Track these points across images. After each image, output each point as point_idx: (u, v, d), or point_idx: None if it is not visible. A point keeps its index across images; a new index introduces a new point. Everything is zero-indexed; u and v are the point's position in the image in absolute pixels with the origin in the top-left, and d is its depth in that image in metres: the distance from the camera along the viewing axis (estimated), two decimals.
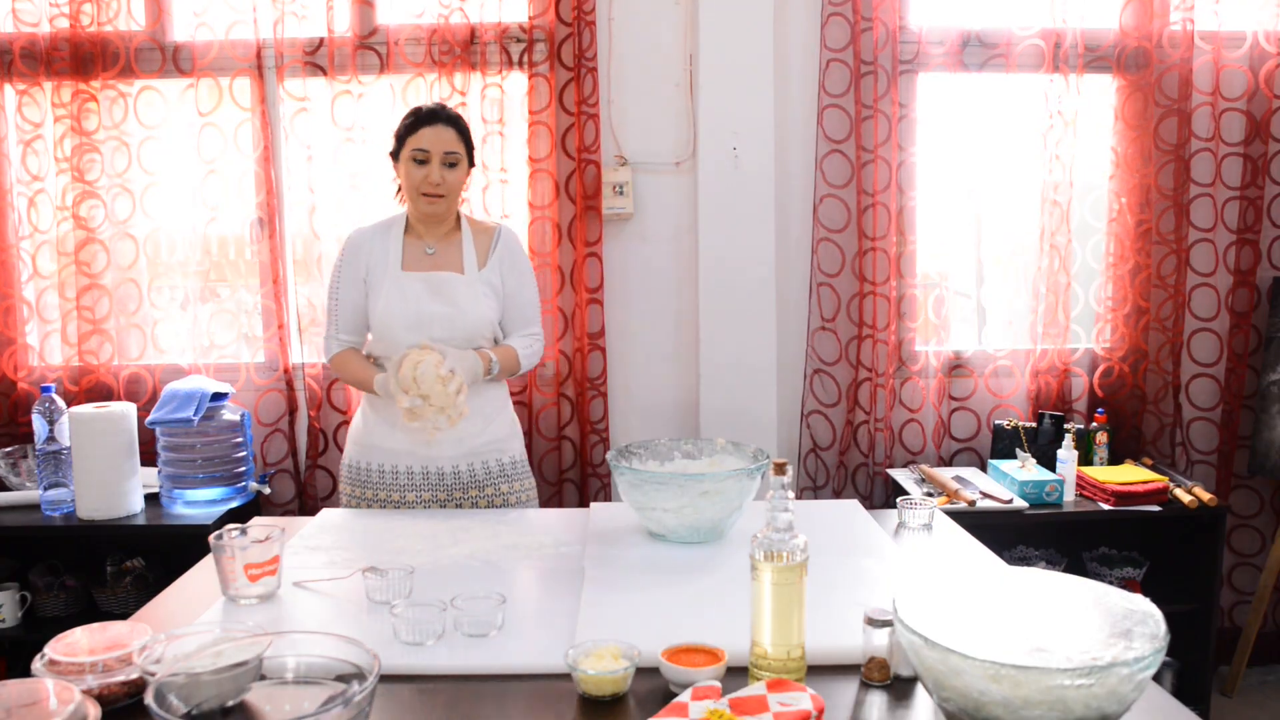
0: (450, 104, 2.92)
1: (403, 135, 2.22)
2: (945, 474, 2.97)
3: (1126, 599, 1.22)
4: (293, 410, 3.08)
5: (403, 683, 1.33)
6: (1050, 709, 1.04)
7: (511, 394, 3.04)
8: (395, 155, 2.26)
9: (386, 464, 2.26)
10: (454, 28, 2.91)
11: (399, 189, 2.32)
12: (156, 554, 2.87)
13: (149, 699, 1.06)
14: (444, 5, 2.91)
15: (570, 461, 3.08)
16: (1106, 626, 1.20)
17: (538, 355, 2.37)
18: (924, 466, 3.04)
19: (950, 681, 1.09)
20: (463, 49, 2.92)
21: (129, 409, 2.64)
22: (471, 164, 2.29)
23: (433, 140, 2.18)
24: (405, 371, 2.04)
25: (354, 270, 2.28)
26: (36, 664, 1.29)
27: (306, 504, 3.09)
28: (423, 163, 2.18)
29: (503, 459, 2.31)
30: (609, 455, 1.93)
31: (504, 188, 2.98)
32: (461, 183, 2.26)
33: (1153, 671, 1.07)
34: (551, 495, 3.10)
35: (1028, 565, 2.89)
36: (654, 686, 1.30)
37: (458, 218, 2.33)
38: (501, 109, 2.95)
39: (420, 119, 2.20)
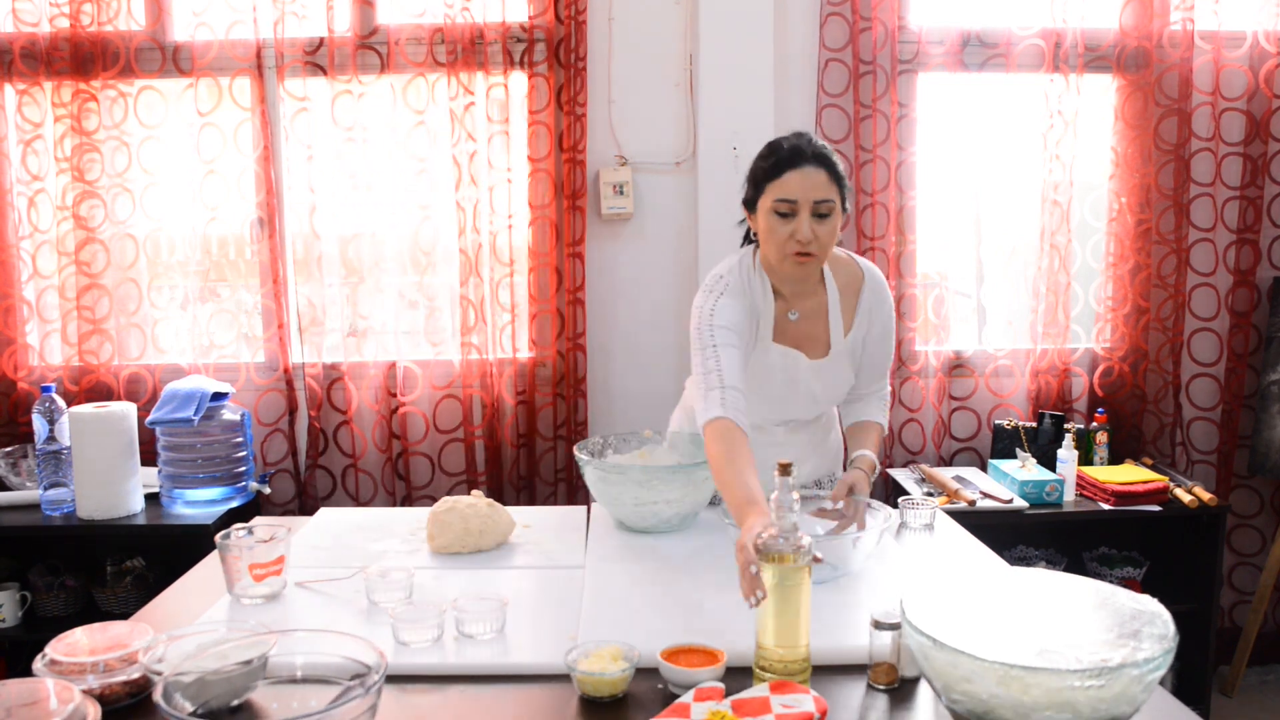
0: (458, 103, 2.92)
1: (761, 180, 1.80)
2: (945, 474, 2.97)
3: (1134, 599, 1.21)
4: (293, 410, 3.08)
5: (403, 683, 1.33)
6: (1059, 710, 1.03)
7: (515, 394, 3.05)
8: (750, 204, 1.85)
9: None
10: (454, 27, 2.91)
11: (749, 237, 1.97)
12: (156, 554, 2.87)
13: (158, 697, 1.06)
14: (444, 5, 2.90)
15: (565, 462, 3.08)
16: (1115, 627, 1.20)
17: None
18: (924, 466, 3.04)
19: (960, 686, 1.08)
20: (463, 49, 2.92)
21: (129, 409, 2.64)
22: (845, 210, 1.82)
23: (801, 187, 1.74)
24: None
25: (740, 319, 1.83)
26: (37, 664, 1.29)
27: (306, 504, 3.08)
28: (788, 216, 1.76)
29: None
30: (575, 447, 1.95)
31: (510, 187, 2.97)
32: (835, 235, 1.80)
33: (1162, 673, 1.07)
34: (549, 495, 3.10)
35: (1028, 565, 2.89)
36: (654, 687, 1.30)
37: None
38: (505, 109, 2.95)
39: (782, 160, 1.77)
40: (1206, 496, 2.82)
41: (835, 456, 2.18)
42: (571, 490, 3.09)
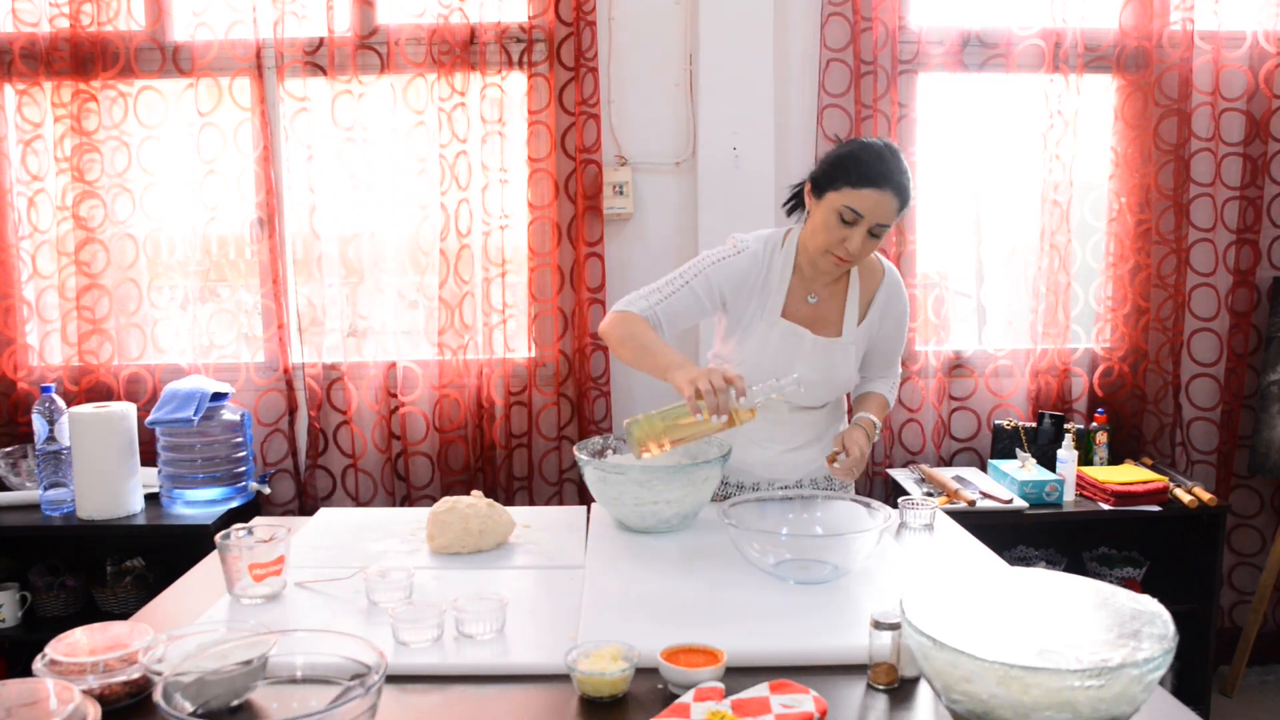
0: (449, 104, 2.92)
1: (839, 179, 1.85)
2: (945, 474, 2.97)
3: (1134, 599, 1.21)
4: (292, 410, 3.08)
5: (403, 683, 1.33)
6: (1059, 710, 1.04)
7: (511, 394, 3.05)
8: (818, 185, 1.90)
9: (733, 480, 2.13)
10: (454, 27, 2.91)
11: (793, 198, 2.05)
12: (156, 554, 2.87)
13: (158, 697, 1.06)
14: (444, 5, 2.90)
15: (571, 461, 3.08)
16: (1115, 627, 1.20)
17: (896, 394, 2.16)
18: (924, 466, 3.04)
19: (960, 686, 1.08)
20: (462, 49, 2.92)
21: (129, 409, 2.64)
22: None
23: (873, 206, 1.82)
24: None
25: (724, 288, 1.98)
26: (37, 664, 1.29)
27: (306, 504, 3.09)
28: (849, 224, 1.85)
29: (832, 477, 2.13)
30: (575, 447, 1.96)
31: (504, 188, 2.97)
32: (874, 251, 1.98)
33: (1162, 673, 1.07)
34: (552, 495, 3.10)
35: (1028, 565, 2.89)
36: (654, 687, 1.30)
37: None
38: (501, 109, 2.95)
39: (870, 175, 1.82)
40: (1206, 496, 2.82)
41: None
42: (578, 491, 3.09)
